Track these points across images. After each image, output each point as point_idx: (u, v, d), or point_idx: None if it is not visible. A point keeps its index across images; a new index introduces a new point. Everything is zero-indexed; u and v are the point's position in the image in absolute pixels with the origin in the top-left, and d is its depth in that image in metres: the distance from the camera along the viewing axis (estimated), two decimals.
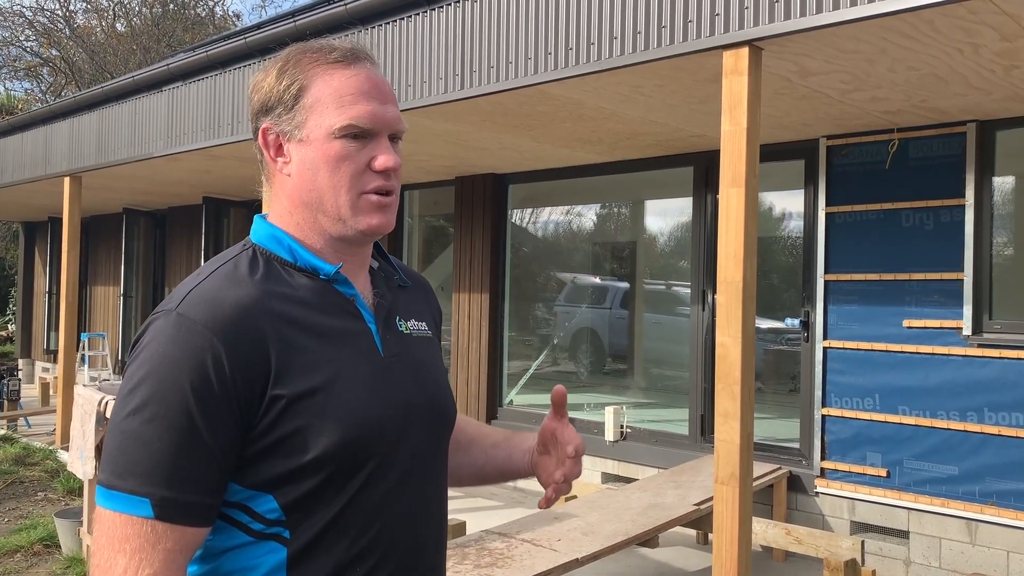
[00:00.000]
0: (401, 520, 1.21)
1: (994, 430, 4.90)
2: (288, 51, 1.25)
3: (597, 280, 7.95)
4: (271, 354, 1.11)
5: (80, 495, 6.38)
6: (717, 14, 3.86)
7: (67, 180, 8.71)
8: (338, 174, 1.20)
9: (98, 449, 4.58)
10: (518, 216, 8.04)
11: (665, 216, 7.35)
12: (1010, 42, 3.71)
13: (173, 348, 1.08)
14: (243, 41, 6.42)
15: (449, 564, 3.61)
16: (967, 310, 5.01)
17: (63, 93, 21.28)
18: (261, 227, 1.26)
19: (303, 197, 1.22)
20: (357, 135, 1.20)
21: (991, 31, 3.58)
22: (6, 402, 9.98)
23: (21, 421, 9.76)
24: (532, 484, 7.09)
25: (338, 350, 1.18)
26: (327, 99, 1.20)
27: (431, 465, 1.28)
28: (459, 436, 1.50)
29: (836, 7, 3.49)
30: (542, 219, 8.14)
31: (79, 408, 4.83)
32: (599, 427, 6.73)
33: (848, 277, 5.49)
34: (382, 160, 1.21)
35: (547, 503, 1.39)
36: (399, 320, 1.31)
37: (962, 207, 5.05)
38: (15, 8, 27.60)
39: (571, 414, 7.21)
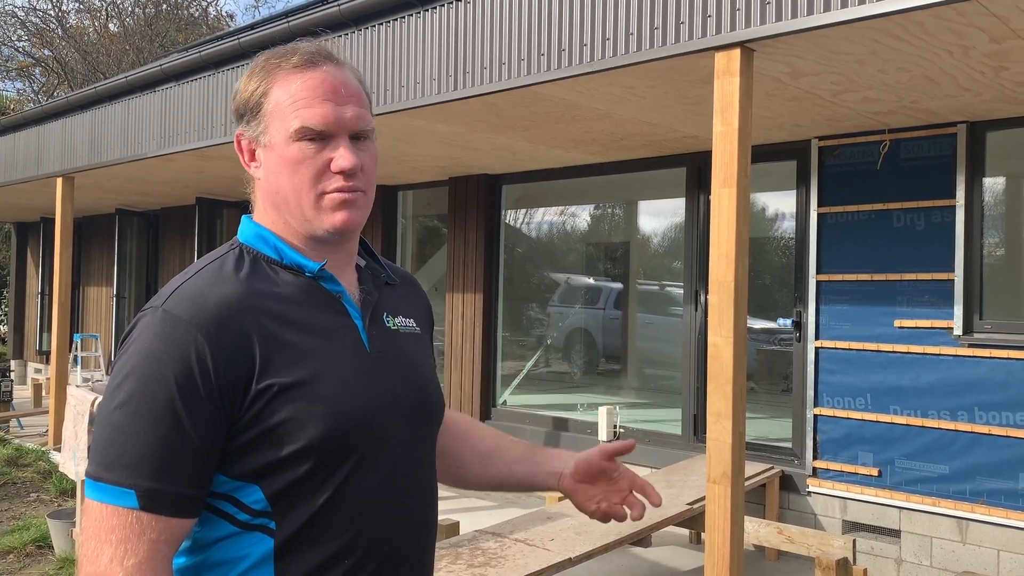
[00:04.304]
0: (388, 514, 1.23)
1: (984, 429, 4.93)
2: (260, 58, 1.27)
3: (591, 280, 7.97)
4: (255, 349, 1.13)
5: (73, 496, 6.37)
6: (709, 15, 3.88)
7: (59, 180, 8.69)
8: (297, 177, 1.22)
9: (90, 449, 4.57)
10: (512, 216, 8.05)
11: (658, 217, 7.37)
12: (999, 44, 3.74)
13: (158, 344, 1.10)
14: (236, 42, 6.42)
15: (442, 564, 3.62)
16: (958, 310, 5.04)
17: (55, 93, 21.21)
18: (248, 227, 1.28)
19: (272, 199, 1.25)
20: (313, 138, 1.21)
21: (980, 33, 3.61)
22: None
23: (13, 422, 9.73)
24: None
25: (324, 345, 1.20)
26: (284, 103, 1.22)
27: (418, 460, 1.30)
28: (479, 445, 1.53)
29: (827, 9, 3.51)
30: (536, 220, 8.16)
31: (71, 409, 4.83)
32: (592, 427, 6.74)
33: (840, 277, 5.51)
34: (339, 161, 1.22)
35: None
36: (386, 316, 1.33)
37: (953, 208, 5.08)
38: (7, 8, 27.49)
39: (564, 415, 7.26)
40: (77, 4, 22.68)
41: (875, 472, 5.32)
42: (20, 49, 22.64)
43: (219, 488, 1.14)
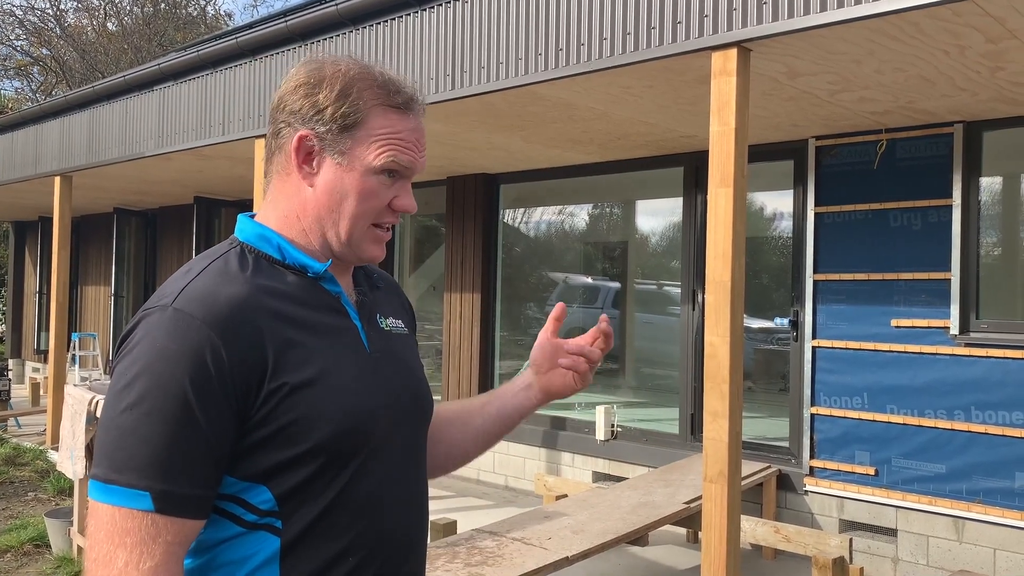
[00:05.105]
0: (389, 513, 1.24)
1: (980, 429, 4.94)
2: (354, 74, 1.25)
3: (589, 280, 7.97)
4: (267, 348, 1.13)
5: (70, 495, 6.37)
6: (706, 15, 3.89)
7: (57, 180, 8.68)
8: (364, 206, 1.25)
9: (88, 449, 4.58)
10: (510, 216, 8.06)
11: (656, 216, 7.38)
12: (995, 44, 3.74)
13: (170, 343, 1.09)
14: (234, 41, 6.43)
15: (439, 563, 3.63)
16: (954, 309, 5.05)
17: (53, 92, 21.19)
18: (248, 226, 1.28)
19: (319, 212, 1.25)
20: (391, 175, 1.26)
21: (976, 33, 3.61)
22: None
23: (11, 421, 9.73)
24: (523, 484, 7.10)
25: (329, 344, 1.21)
26: (379, 136, 1.24)
27: (415, 458, 1.32)
28: (450, 414, 1.53)
29: (823, 8, 3.52)
30: (534, 219, 8.16)
31: (69, 408, 4.83)
32: (590, 426, 6.75)
33: (837, 277, 5.52)
34: (403, 203, 1.28)
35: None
36: (380, 318, 1.34)
37: (949, 207, 5.09)
38: (5, 7, 27.48)
39: (562, 413, 7.26)
40: (75, 3, 22.69)
41: (872, 471, 5.33)
42: (18, 48, 22.63)
43: (226, 489, 1.14)
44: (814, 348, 5.60)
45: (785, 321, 6.00)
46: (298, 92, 1.25)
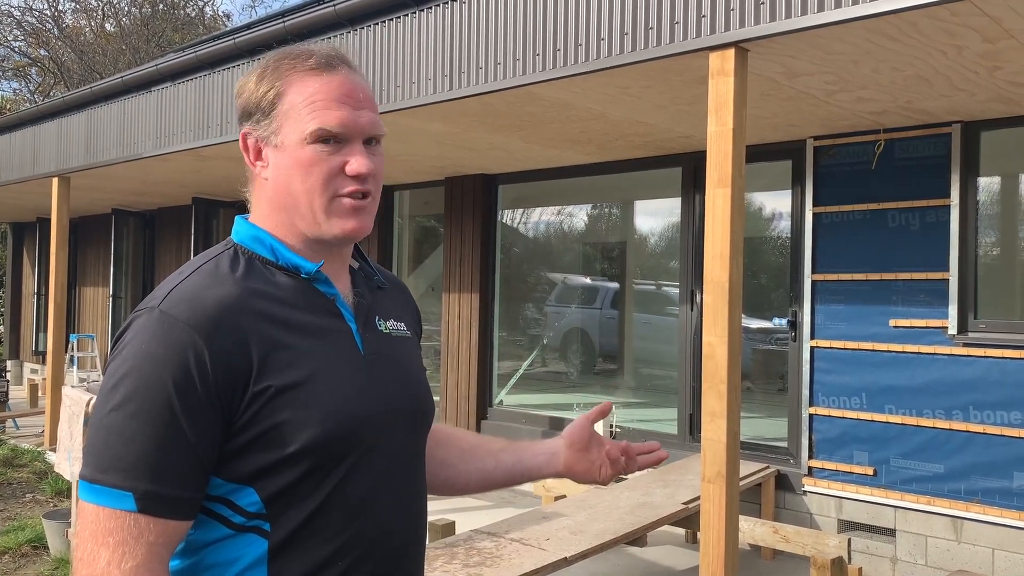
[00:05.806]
0: (381, 516, 1.23)
1: (979, 428, 4.94)
2: (269, 56, 1.27)
3: (587, 280, 7.97)
4: (252, 351, 1.13)
5: (68, 496, 6.36)
6: (703, 15, 3.89)
7: (55, 181, 8.67)
8: (310, 179, 1.21)
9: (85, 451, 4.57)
10: (508, 216, 8.06)
11: (654, 216, 7.38)
12: (992, 44, 3.75)
13: (155, 345, 1.10)
14: (232, 42, 6.42)
15: (438, 563, 3.62)
16: (952, 309, 5.05)
17: (52, 93, 21.18)
18: (243, 227, 1.28)
19: (280, 201, 1.24)
20: (328, 140, 1.21)
21: (974, 33, 3.62)
22: None
23: (9, 423, 9.72)
24: (522, 485, 7.09)
25: (319, 347, 1.20)
26: (300, 106, 1.21)
27: (410, 463, 1.30)
28: (462, 444, 1.54)
29: (821, 9, 3.52)
30: (532, 219, 8.16)
31: (67, 409, 4.82)
32: None
33: (835, 277, 5.52)
34: (354, 165, 1.22)
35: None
36: (378, 319, 1.33)
37: (947, 207, 5.10)
38: (3, 8, 27.45)
39: (561, 414, 7.25)
40: (73, 4, 22.66)
41: (870, 471, 5.33)
42: (16, 49, 22.61)
43: (214, 491, 1.14)
44: (812, 348, 5.60)
45: (783, 321, 6.00)
46: (237, 98, 1.28)
